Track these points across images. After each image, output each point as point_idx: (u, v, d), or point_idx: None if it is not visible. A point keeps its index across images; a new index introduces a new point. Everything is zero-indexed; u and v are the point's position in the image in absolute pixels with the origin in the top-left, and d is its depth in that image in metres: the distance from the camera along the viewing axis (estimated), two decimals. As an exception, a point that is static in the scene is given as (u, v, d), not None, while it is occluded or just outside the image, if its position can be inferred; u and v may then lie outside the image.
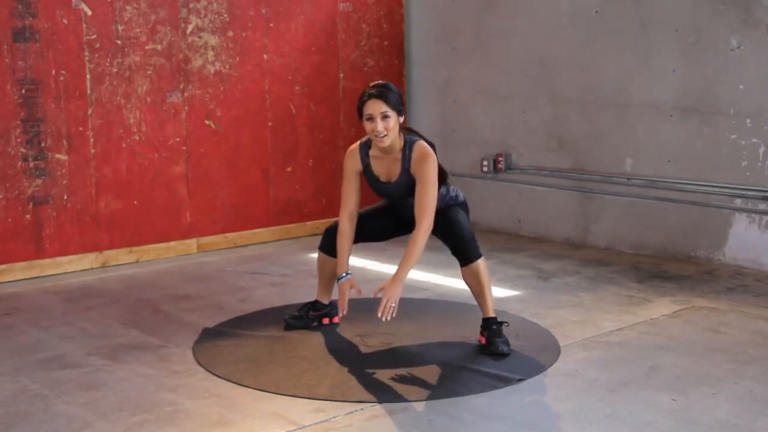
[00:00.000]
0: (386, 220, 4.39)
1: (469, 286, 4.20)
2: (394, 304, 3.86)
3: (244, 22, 6.40)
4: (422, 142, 4.09)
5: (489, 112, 6.91)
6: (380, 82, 4.13)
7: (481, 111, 6.96)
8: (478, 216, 6.84)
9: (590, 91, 6.27)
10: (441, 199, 4.14)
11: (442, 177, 4.13)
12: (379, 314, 3.84)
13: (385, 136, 4.01)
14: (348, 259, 4.20)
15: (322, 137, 6.89)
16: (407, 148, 4.07)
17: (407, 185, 4.11)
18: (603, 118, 6.23)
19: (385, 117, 3.99)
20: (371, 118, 4.02)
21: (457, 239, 4.12)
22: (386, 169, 4.16)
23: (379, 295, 3.91)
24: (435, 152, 4.10)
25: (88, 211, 5.86)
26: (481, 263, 4.13)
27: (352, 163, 4.22)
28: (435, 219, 4.02)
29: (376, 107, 4.00)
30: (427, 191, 3.98)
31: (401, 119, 4.07)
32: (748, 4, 5.45)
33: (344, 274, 4.14)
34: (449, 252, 4.20)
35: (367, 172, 4.21)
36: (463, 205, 4.29)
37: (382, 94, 4.00)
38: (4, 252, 5.56)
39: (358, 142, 4.28)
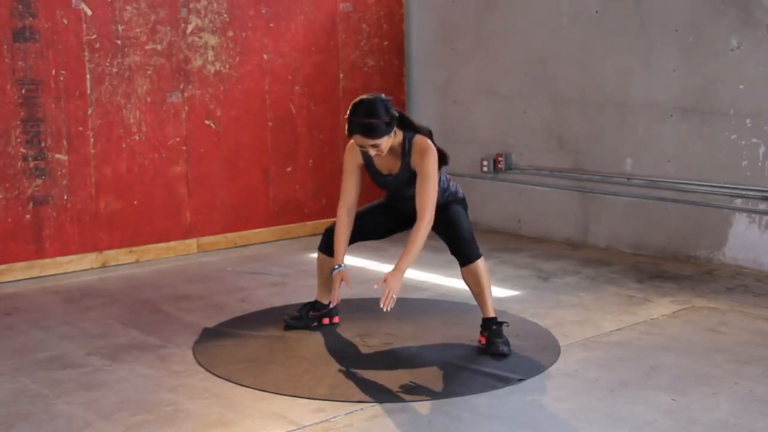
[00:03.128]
0: (384, 218, 4.38)
1: (469, 286, 4.20)
2: (395, 295, 3.86)
3: (244, 22, 6.40)
4: (420, 136, 4.06)
5: (489, 112, 6.91)
6: (364, 105, 3.93)
7: (481, 111, 6.96)
8: (478, 216, 6.84)
9: (590, 91, 6.27)
10: (440, 193, 4.13)
11: (443, 159, 4.09)
12: (381, 305, 3.84)
13: (379, 154, 4.00)
14: (344, 252, 4.19)
15: (322, 137, 6.89)
16: (407, 142, 4.05)
17: (408, 178, 4.10)
18: (603, 118, 6.23)
19: (374, 146, 3.95)
20: (361, 146, 4.01)
21: (457, 240, 4.12)
22: (387, 164, 4.15)
23: (381, 285, 3.90)
24: (432, 138, 4.08)
25: (88, 211, 5.86)
26: (480, 263, 4.13)
27: (353, 157, 4.21)
28: (434, 214, 4.01)
29: (363, 141, 3.94)
30: (428, 185, 3.97)
31: (393, 133, 3.97)
32: (748, 4, 5.45)
33: (337, 266, 4.14)
34: (449, 252, 4.20)
35: (368, 167, 4.21)
36: (462, 202, 4.29)
37: (368, 131, 3.89)
38: (4, 252, 5.56)
39: None
